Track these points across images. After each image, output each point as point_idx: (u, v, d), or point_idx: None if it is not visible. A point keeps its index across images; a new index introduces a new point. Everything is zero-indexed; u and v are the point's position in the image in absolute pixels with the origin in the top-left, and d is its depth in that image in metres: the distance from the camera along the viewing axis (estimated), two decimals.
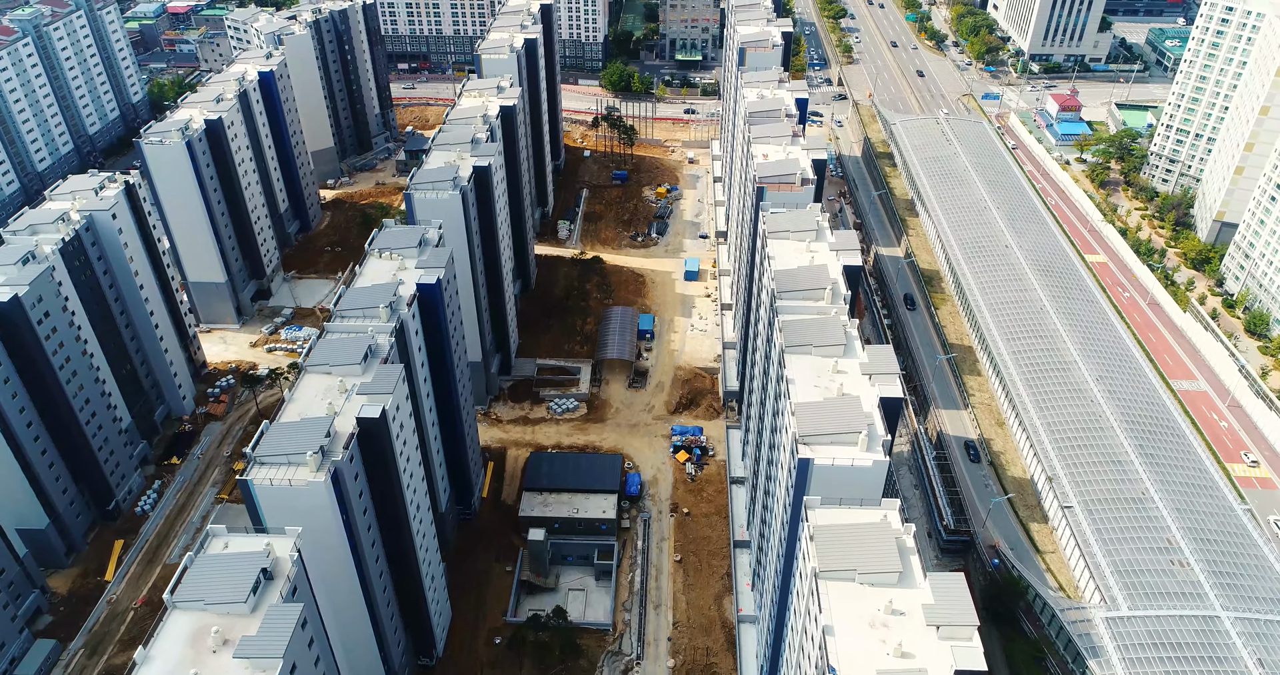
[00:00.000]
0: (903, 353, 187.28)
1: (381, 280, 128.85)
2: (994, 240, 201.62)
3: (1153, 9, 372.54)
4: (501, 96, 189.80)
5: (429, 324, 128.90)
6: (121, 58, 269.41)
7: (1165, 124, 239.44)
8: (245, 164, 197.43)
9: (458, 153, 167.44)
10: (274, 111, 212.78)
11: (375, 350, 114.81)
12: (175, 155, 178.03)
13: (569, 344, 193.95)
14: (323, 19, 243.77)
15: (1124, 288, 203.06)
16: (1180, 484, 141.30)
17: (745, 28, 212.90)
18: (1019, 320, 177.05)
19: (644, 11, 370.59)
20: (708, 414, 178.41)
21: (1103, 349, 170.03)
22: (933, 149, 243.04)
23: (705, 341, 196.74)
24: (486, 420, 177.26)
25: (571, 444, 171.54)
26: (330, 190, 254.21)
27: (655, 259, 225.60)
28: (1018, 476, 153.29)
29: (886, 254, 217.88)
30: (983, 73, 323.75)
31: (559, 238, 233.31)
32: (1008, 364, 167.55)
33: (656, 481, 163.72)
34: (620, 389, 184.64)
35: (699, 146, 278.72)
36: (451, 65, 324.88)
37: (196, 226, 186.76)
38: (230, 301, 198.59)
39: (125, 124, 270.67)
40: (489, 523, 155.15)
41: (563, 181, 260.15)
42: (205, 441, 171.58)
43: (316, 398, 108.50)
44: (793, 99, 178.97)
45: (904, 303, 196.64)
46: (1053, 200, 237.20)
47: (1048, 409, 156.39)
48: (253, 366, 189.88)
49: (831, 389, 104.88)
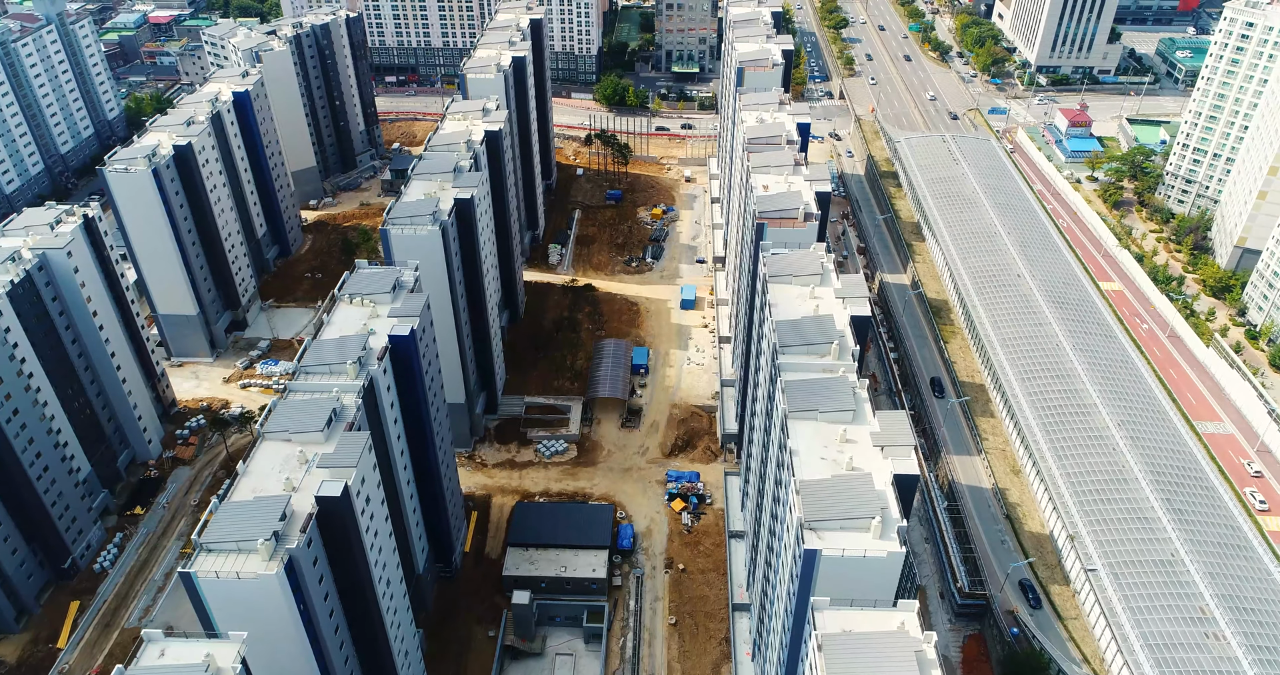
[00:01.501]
0: (910, 390, 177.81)
1: (351, 330, 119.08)
2: (1005, 269, 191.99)
3: (1162, 18, 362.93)
4: (487, 120, 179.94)
5: (402, 378, 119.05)
6: (96, 74, 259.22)
7: (1181, 143, 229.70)
8: (218, 190, 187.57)
9: (439, 182, 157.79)
10: (250, 133, 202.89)
11: (340, 413, 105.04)
12: (141, 183, 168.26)
13: (559, 380, 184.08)
14: (304, 34, 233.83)
15: (1142, 319, 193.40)
16: (1212, 543, 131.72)
17: (744, 45, 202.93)
18: (1034, 358, 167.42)
19: (639, 21, 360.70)
20: (705, 457, 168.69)
21: (1123, 390, 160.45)
22: (939, 169, 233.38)
23: (702, 376, 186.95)
24: (471, 464, 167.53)
25: (561, 491, 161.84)
26: (313, 211, 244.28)
27: (650, 286, 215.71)
28: (1036, 531, 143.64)
29: (892, 282, 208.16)
30: (988, 85, 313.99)
31: (550, 263, 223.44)
32: (1023, 407, 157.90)
33: (650, 533, 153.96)
34: (612, 429, 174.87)
35: (696, 164, 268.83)
36: (441, 78, 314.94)
37: (165, 258, 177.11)
38: (203, 334, 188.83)
39: (100, 142, 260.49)
40: (471, 580, 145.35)
41: (554, 202, 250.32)
42: (171, 489, 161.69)
43: (273, 470, 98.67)
44: (794, 124, 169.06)
45: (931, 388, 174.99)
46: (1064, 222, 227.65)
47: (1067, 458, 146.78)
48: (225, 405, 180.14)
49: (840, 462, 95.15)
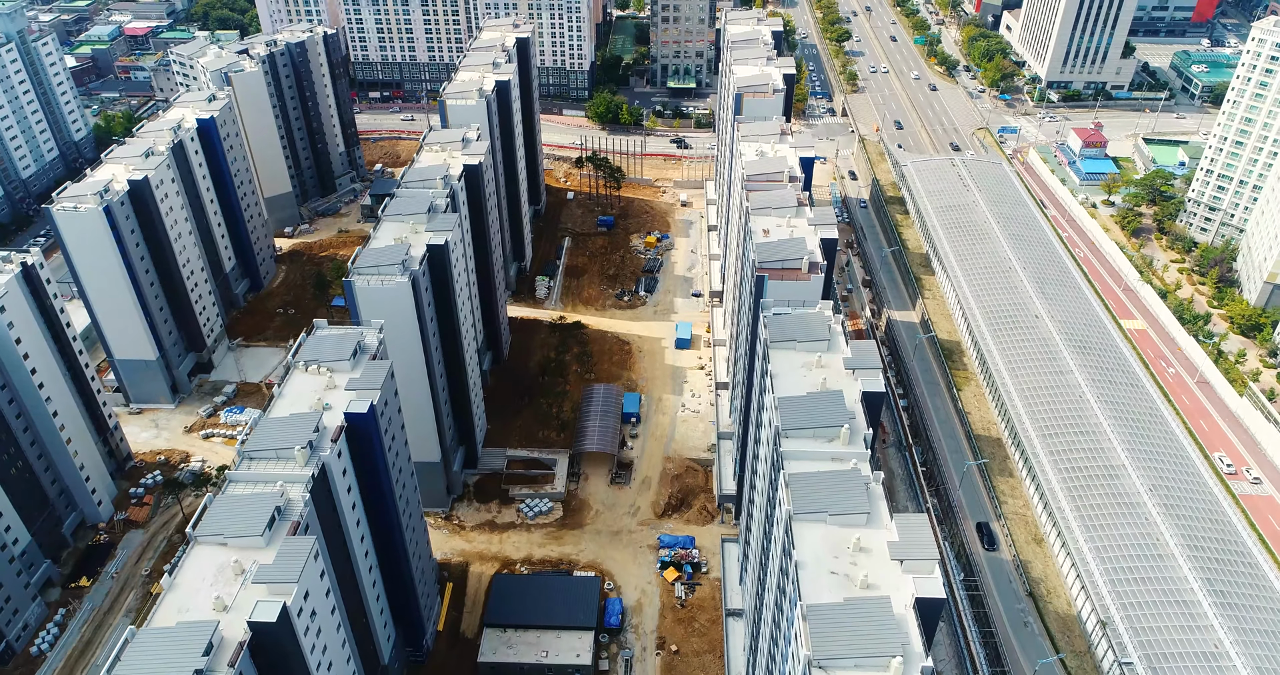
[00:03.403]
0: (921, 443, 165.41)
1: (304, 405, 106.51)
2: (1022, 309, 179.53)
3: (1175, 30, 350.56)
4: (467, 152, 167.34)
5: (362, 461, 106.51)
6: (61, 93, 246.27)
7: (1205, 168, 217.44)
8: (179, 226, 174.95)
9: (412, 224, 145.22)
10: (216, 162, 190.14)
11: (285, 511, 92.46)
12: (91, 223, 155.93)
13: (544, 431, 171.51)
14: (278, 52, 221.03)
15: (1168, 362, 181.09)
16: (1259, 632, 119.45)
17: (742, 68, 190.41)
18: (1055, 411, 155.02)
19: (634, 33, 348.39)
20: (700, 517, 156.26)
21: (1153, 449, 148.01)
22: (949, 195, 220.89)
23: (698, 426, 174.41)
24: (447, 525, 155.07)
25: (544, 557, 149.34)
26: (288, 239, 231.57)
27: (643, 322, 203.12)
28: (1062, 612, 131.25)
29: (900, 319, 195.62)
30: (997, 101, 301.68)
31: (537, 297, 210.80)
32: (1045, 467, 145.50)
33: (641, 607, 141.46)
34: (601, 486, 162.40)
35: (692, 187, 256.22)
36: (426, 93, 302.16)
37: (120, 301, 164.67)
38: (163, 379, 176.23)
39: (66, 165, 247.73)
40: (444, 665, 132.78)
41: (543, 228, 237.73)
42: (122, 556, 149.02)
43: (204, 583, 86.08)
44: (797, 158, 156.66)
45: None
46: (1081, 252, 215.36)
47: (1095, 528, 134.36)
48: (185, 458, 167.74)
49: (853, 577, 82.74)
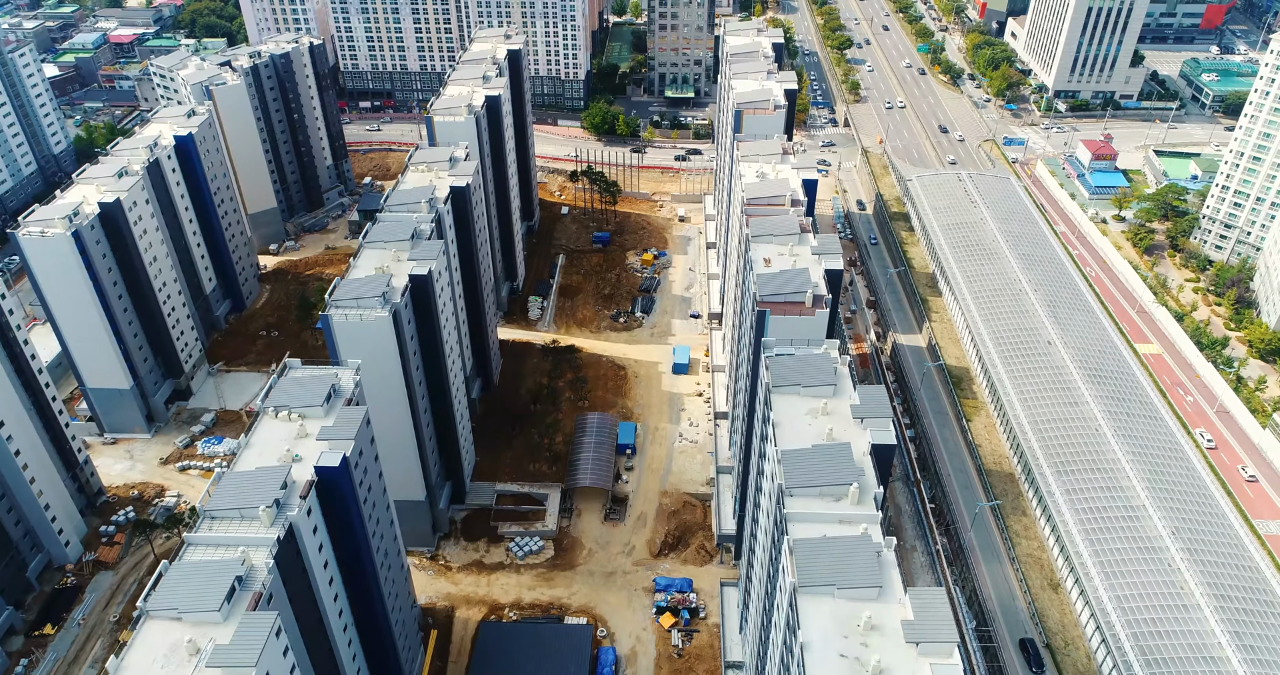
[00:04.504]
0: (929, 477, 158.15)
1: (271, 457, 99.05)
2: (1033, 334, 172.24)
3: (1183, 37, 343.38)
4: (454, 172, 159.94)
5: (335, 518, 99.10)
6: (40, 105, 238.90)
7: (1221, 184, 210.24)
8: (155, 248, 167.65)
9: (394, 252, 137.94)
10: (195, 180, 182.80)
11: (246, 581, 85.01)
12: (59, 248, 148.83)
13: (535, 463, 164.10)
14: (262, 64, 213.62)
15: (1186, 390, 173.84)
16: None
17: (742, 83, 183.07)
18: (1070, 445, 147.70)
19: (631, 39, 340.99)
20: (698, 557, 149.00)
21: (1174, 487, 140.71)
22: (955, 212, 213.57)
23: (696, 457, 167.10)
24: (433, 566, 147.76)
25: (534, 601, 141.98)
26: (273, 257, 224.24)
27: (639, 345, 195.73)
28: (1083, 666, 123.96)
29: (906, 343, 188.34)
30: (1003, 110, 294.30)
31: (529, 318, 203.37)
32: (1060, 507, 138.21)
33: (635, 656, 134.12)
34: (594, 522, 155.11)
35: (690, 201, 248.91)
36: (418, 103, 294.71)
37: (91, 328, 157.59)
38: (138, 408, 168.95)
39: (45, 179, 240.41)
40: None
41: (536, 245, 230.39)
42: (90, 600, 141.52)
43: (154, 667, 78.64)
44: (800, 181, 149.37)
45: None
46: (1092, 271, 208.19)
47: (1114, 575, 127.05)
48: (160, 492, 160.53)
49: (865, 663, 75.48)
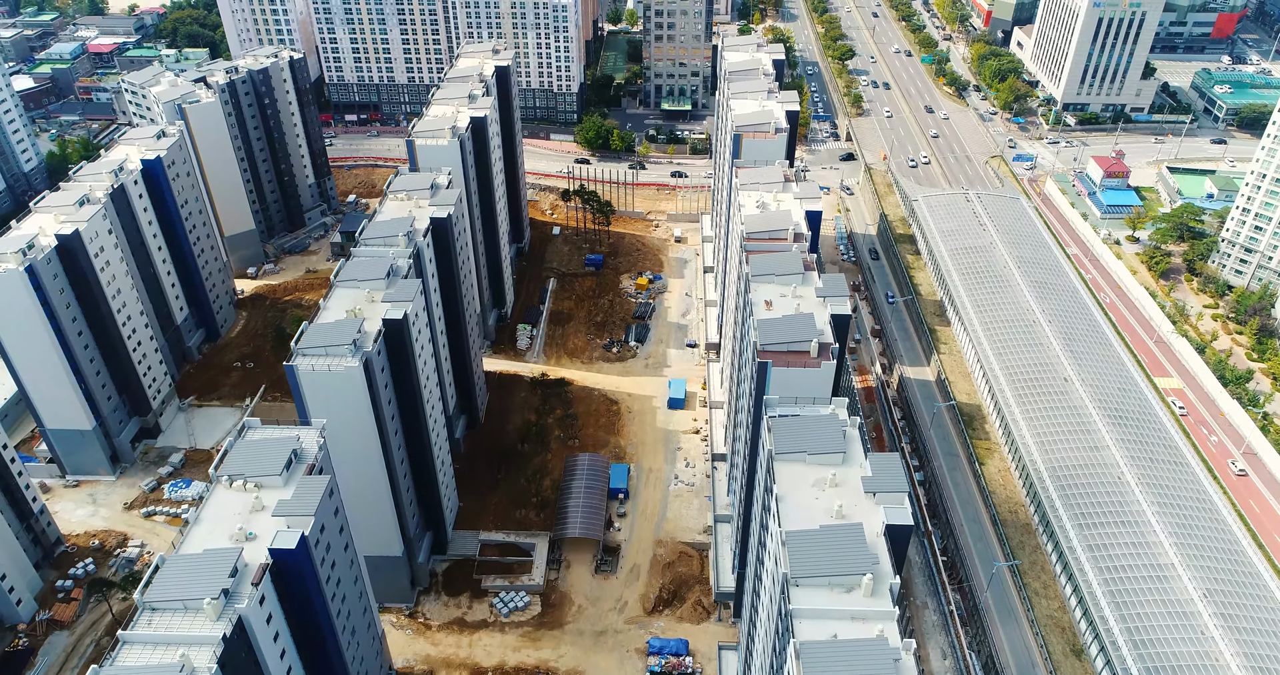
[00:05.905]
0: (940, 526, 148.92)
1: (223, 537, 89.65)
2: (1049, 370, 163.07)
3: (1193, 46, 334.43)
4: (435, 201, 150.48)
5: (293, 603, 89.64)
6: (9, 121, 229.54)
7: (1241, 207, 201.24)
8: (119, 281, 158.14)
9: (368, 292, 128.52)
10: (164, 206, 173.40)
11: None
12: (12, 284, 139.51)
13: (522, 510, 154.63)
14: (239, 80, 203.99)
15: (1209, 429, 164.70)
16: None
17: (741, 103, 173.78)
18: (1092, 496, 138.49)
19: (626, 49, 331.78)
20: (695, 614, 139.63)
21: (1204, 542, 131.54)
22: (964, 235, 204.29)
23: (693, 502, 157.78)
24: (411, 624, 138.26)
25: (519, 664, 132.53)
26: (251, 280, 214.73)
27: (633, 377, 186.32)
28: None
29: (913, 376, 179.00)
30: (1009, 124, 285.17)
31: (518, 348, 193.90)
32: (1084, 567, 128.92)
33: None
34: (585, 574, 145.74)
35: (687, 220, 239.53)
36: (406, 116, 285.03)
37: (48, 368, 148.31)
38: (102, 450, 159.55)
39: (14, 198, 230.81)
40: None
41: (526, 268, 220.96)
42: (43, 664, 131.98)
43: None
44: (803, 212, 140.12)
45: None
46: (1107, 297, 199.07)
47: (1143, 644, 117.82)
48: (123, 540, 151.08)
49: None
